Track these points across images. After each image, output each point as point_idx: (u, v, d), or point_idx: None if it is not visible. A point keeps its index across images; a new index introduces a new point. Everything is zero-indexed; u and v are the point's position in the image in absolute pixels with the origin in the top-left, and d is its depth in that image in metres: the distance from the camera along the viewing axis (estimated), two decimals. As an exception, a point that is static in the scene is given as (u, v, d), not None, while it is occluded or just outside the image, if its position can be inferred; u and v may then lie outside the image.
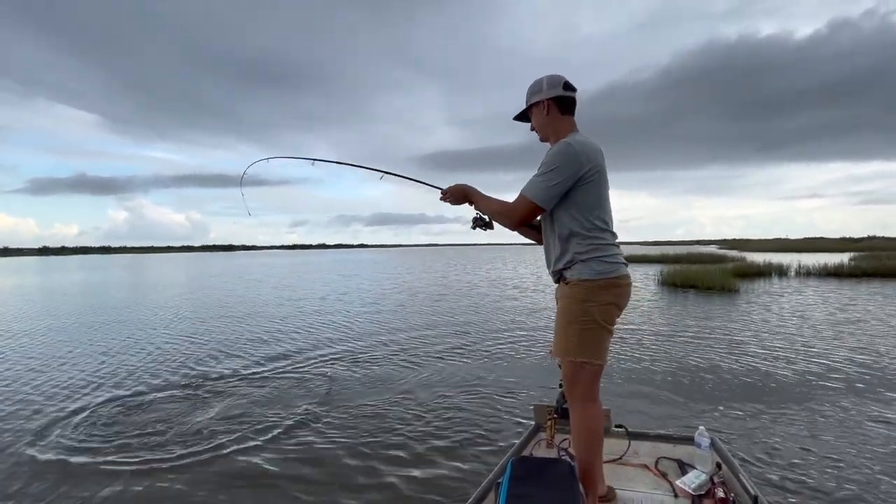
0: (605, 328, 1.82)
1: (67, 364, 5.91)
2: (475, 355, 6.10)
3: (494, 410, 4.10)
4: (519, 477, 1.80)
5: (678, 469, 2.20)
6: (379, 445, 3.46)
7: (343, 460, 3.24)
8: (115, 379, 5.18)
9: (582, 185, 1.78)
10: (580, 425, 1.89)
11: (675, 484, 2.05)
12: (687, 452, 2.32)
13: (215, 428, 3.77)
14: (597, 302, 1.80)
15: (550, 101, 1.86)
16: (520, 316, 9.17)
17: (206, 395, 4.62)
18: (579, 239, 1.82)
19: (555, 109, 1.87)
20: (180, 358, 6.14)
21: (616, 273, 1.82)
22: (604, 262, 1.81)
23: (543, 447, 2.50)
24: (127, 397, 4.56)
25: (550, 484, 1.75)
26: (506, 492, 1.73)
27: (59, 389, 4.83)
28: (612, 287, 1.82)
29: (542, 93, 1.87)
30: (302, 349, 6.55)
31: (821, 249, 40.84)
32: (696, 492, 1.97)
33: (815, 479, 2.79)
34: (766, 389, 4.43)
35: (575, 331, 1.83)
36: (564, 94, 1.85)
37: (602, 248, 1.82)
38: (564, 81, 1.86)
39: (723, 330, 7.29)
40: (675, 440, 2.48)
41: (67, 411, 4.19)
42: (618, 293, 1.84)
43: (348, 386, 4.86)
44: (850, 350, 5.81)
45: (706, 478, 2.03)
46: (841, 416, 3.75)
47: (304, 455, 3.32)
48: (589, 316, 1.80)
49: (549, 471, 1.84)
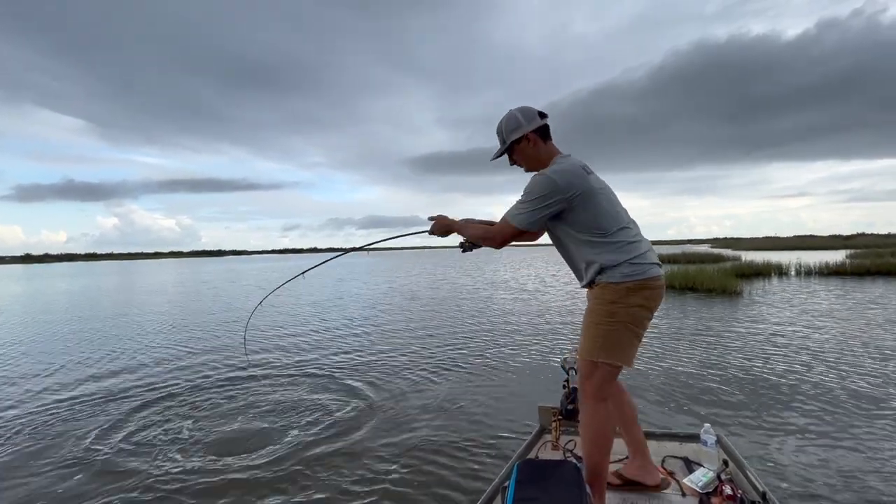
0: (630, 331, 1.77)
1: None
2: (476, 357, 6.07)
3: (499, 413, 4.07)
4: (525, 480, 1.76)
5: (685, 467, 2.16)
6: (382, 450, 3.42)
7: (345, 463, 3.21)
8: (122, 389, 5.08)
9: (573, 209, 1.77)
10: (589, 425, 1.85)
11: (682, 482, 2.02)
12: (693, 450, 2.30)
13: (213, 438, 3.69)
14: (625, 304, 1.76)
15: (534, 133, 1.86)
16: (520, 317, 9.15)
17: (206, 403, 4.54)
18: (598, 249, 1.78)
19: (539, 140, 1.87)
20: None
21: (645, 275, 1.77)
22: (632, 264, 1.76)
23: (549, 449, 2.47)
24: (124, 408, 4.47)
25: (557, 486, 1.72)
26: (512, 496, 1.69)
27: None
28: (641, 289, 1.76)
29: (523, 127, 1.85)
30: (302, 354, 6.48)
31: (812, 247, 41.10)
32: (704, 490, 1.94)
33: (821, 478, 2.77)
34: (776, 393, 4.29)
35: (599, 332, 1.80)
36: (543, 124, 1.87)
37: (627, 250, 1.77)
38: (537, 111, 1.88)
39: (730, 334, 6.93)
40: (681, 438, 2.46)
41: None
42: (648, 295, 1.77)
43: (350, 391, 4.81)
44: (863, 354, 5.55)
45: (713, 475, 2.00)
46: (850, 417, 3.68)
47: (304, 457, 3.31)
48: (614, 318, 1.77)
49: (555, 473, 1.81)
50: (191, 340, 7.66)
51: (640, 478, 2.00)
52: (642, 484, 2.00)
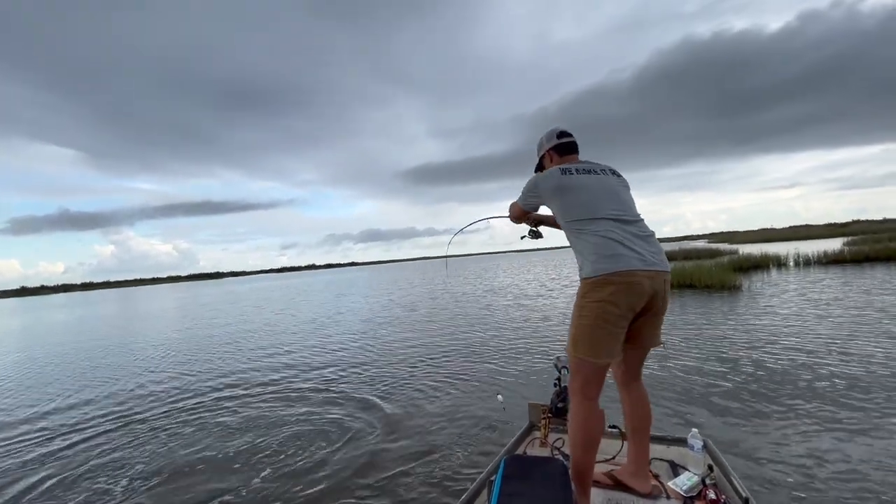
0: (601, 327, 1.78)
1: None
2: (468, 359, 6.07)
3: (488, 410, 4.12)
4: (511, 475, 1.78)
5: (670, 470, 2.18)
6: (371, 445, 3.51)
7: (333, 459, 3.31)
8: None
9: (551, 201, 2.05)
10: (575, 423, 1.87)
11: (666, 485, 2.03)
12: (679, 454, 2.31)
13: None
14: (590, 299, 1.81)
15: (551, 151, 2.22)
16: (515, 321, 9.13)
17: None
18: (579, 241, 1.92)
19: (555, 156, 2.22)
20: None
21: (609, 270, 1.76)
22: (603, 257, 1.79)
23: (537, 446, 2.49)
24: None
25: (543, 483, 1.74)
26: (498, 490, 1.71)
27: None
28: (606, 285, 1.76)
29: (543, 147, 2.27)
30: (296, 364, 6.47)
31: (809, 237, 40.10)
32: (688, 493, 1.95)
33: (806, 482, 2.69)
34: (779, 394, 4.09)
35: (574, 326, 1.87)
36: (558, 142, 2.21)
37: (598, 243, 1.82)
38: (559, 132, 2.21)
39: (731, 331, 6.72)
40: (668, 441, 2.46)
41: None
42: (613, 291, 1.75)
43: (344, 391, 4.92)
44: (850, 348, 5.32)
45: (698, 479, 2.01)
46: (847, 418, 3.49)
47: (300, 454, 3.44)
48: (582, 312, 1.83)
49: (542, 469, 1.82)
50: (189, 363, 7.61)
51: (632, 483, 2.02)
52: (633, 490, 2.01)
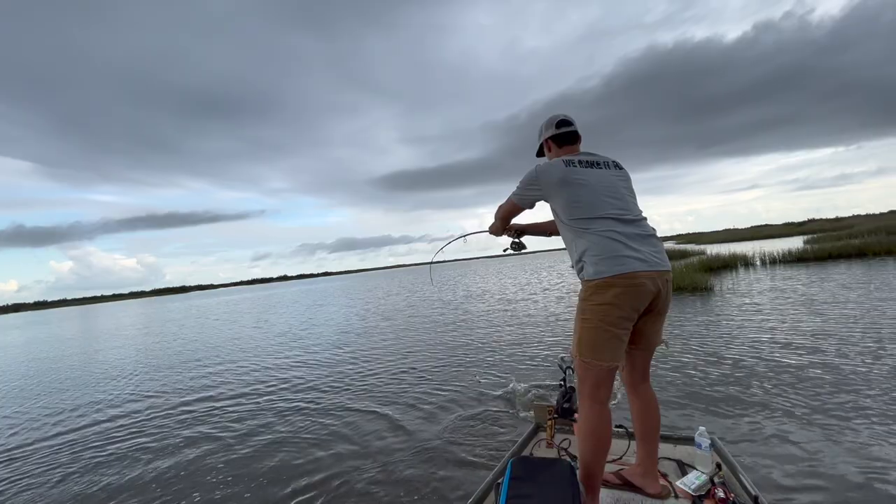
0: (605, 330, 1.76)
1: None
2: (469, 359, 6.07)
3: (494, 411, 4.09)
4: (519, 477, 1.77)
5: (678, 469, 2.16)
6: (377, 449, 3.48)
7: (340, 462, 3.30)
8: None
9: (550, 197, 1.97)
10: (586, 428, 1.83)
11: (674, 485, 2.01)
12: (687, 453, 2.30)
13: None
14: (593, 302, 1.78)
15: (549, 140, 2.16)
16: (511, 325, 9.11)
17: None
18: (580, 239, 1.86)
19: (554, 146, 2.15)
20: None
21: (613, 272, 1.74)
22: (605, 258, 1.76)
23: (543, 447, 2.47)
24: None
25: (550, 484, 1.73)
26: (506, 492, 1.70)
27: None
28: (610, 287, 1.74)
29: (541, 136, 2.22)
30: (289, 373, 6.23)
31: (769, 236, 42.16)
32: (697, 492, 1.94)
33: (814, 480, 2.64)
34: (762, 391, 4.06)
35: (578, 328, 1.85)
36: (556, 132, 2.13)
37: (602, 246, 1.78)
38: (558, 120, 2.13)
39: (707, 332, 6.64)
40: (676, 440, 2.46)
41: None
42: (617, 293, 1.73)
43: (343, 395, 4.85)
44: (845, 343, 5.28)
45: (706, 478, 2.00)
46: (840, 413, 3.45)
47: (301, 455, 3.45)
48: (587, 315, 1.81)
49: (548, 471, 1.81)
50: (151, 381, 7.20)
51: (641, 484, 2.00)
52: (641, 490, 1.98)
